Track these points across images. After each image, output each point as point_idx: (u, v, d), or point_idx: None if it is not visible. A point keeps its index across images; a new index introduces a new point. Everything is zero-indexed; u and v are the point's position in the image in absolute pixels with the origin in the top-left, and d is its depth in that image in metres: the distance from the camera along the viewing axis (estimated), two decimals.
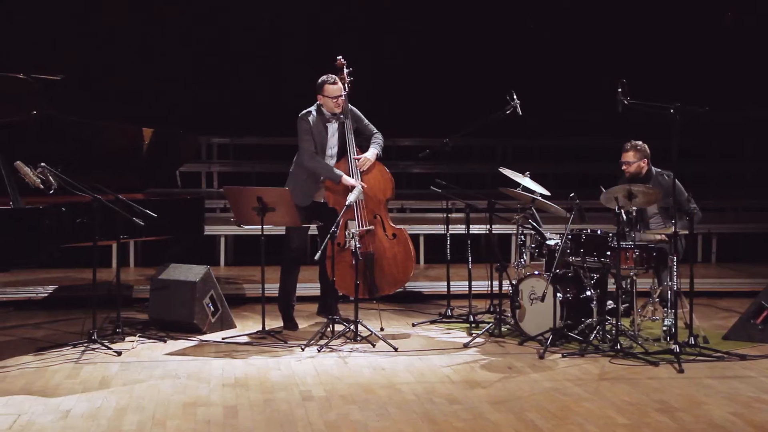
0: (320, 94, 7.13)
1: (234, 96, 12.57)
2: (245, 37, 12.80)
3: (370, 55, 12.48)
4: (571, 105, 12.64)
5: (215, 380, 5.76)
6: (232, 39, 12.77)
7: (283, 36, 12.74)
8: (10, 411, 5.06)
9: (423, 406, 5.28)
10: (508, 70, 12.25)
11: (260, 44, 12.81)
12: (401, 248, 7.24)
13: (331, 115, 7.17)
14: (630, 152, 7.22)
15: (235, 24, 12.77)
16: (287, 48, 12.65)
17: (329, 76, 7.13)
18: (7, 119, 6.28)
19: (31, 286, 8.38)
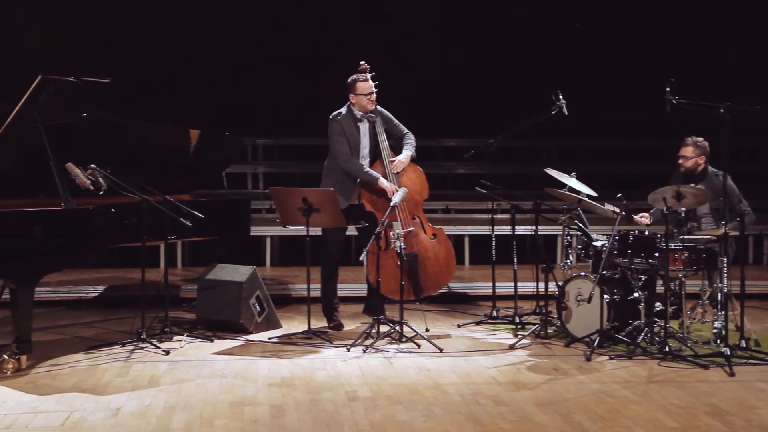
0: (352, 92, 7.14)
1: (279, 97, 12.63)
2: (289, 38, 12.86)
3: (414, 55, 12.48)
4: (618, 104, 12.52)
5: (262, 380, 5.80)
6: (276, 39, 12.84)
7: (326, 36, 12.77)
8: (63, 408, 5.15)
9: (469, 407, 5.26)
10: (554, 70, 12.17)
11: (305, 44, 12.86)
12: (442, 248, 7.24)
13: (362, 115, 7.18)
14: (689, 147, 7.15)
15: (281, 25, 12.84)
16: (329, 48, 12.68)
17: (360, 74, 7.16)
18: (58, 122, 6.38)
19: (82, 286, 8.51)
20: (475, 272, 9.70)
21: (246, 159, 12.24)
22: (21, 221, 5.92)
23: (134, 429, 4.83)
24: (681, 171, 7.15)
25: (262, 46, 12.75)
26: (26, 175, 6.49)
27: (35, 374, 5.86)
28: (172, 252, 9.82)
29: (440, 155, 12.53)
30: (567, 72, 12.20)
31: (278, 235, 10.15)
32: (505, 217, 8.92)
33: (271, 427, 4.89)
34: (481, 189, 7.54)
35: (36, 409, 5.12)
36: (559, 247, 9.79)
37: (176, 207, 6.67)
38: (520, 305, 7.54)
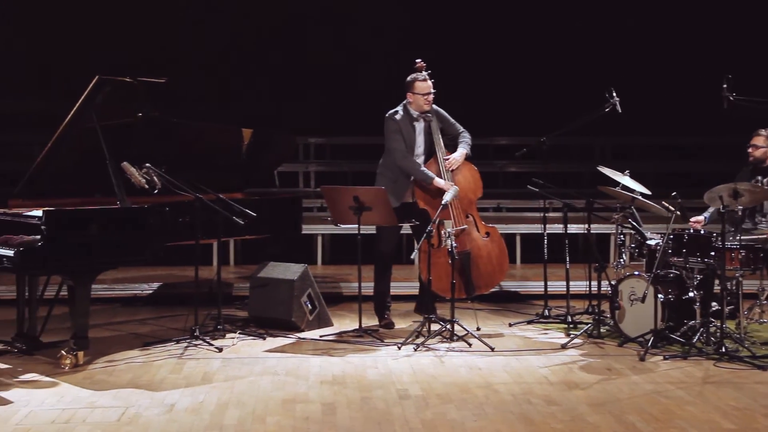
0: (410, 91, 7.14)
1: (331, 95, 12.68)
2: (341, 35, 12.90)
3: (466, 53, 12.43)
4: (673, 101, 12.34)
5: (313, 377, 5.83)
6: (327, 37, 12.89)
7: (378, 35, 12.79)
8: (119, 404, 5.23)
9: (520, 406, 5.23)
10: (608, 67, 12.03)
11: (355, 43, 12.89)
12: (495, 247, 7.21)
13: (419, 114, 7.18)
14: (761, 137, 7.11)
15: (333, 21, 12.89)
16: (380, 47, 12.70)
17: (419, 74, 7.14)
18: (114, 121, 6.47)
19: (137, 283, 8.63)
20: (526, 271, 9.64)
21: (298, 158, 12.31)
22: (78, 220, 6.03)
23: (188, 425, 4.88)
24: (750, 161, 7.05)
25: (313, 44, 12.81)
26: (84, 175, 6.60)
27: (92, 370, 5.97)
28: (225, 250, 9.93)
29: (492, 153, 12.48)
30: (621, 69, 12.05)
31: (329, 233, 10.20)
32: (557, 215, 8.90)
33: (322, 425, 4.91)
34: (532, 187, 7.49)
35: (93, 405, 5.21)
36: (612, 245, 9.69)
37: (229, 205, 6.73)
38: (572, 304, 7.47)
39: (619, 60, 12.45)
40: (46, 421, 4.91)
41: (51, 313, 6.71)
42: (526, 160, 10.97)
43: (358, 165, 11.95)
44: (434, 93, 7.15)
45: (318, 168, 12.33)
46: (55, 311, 6.76)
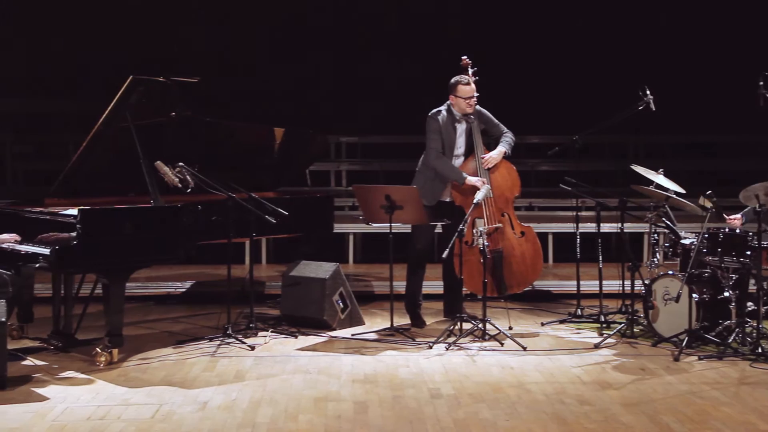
0: (453, 94, 7.12)
1: (362, 94, 12.70)
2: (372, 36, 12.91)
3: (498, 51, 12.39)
4: (708, 99, 12.22)
5: (345, 376, 5.84)
6: (359, 38, 12.91)
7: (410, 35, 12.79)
8: (152, 401, 5.27)
9: (553, 406, 5.21)
10: (641, 64, 11.94)
11: (388, 43, 12.90)
12: (530, 246, 7.17)
13: (461, 115, 7.16)
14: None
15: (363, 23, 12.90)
16: (414, 46, 12.70)
17: (463, 77, 7.12)
18: (147, 121, 6.53)
19: (170, 282, 8.69)
20: (559, 270, 9.59)
21: (329, 157, 12.34)
22: (113, 218, 6.08)
23: (221, 422, 4.91)
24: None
25: (346, 43, 12.83)
26: (118, 174, 6.66)
27: (126, 367, 6.02)
28: (257, 249, 9.97)
29: (523, 152, 12.43)
30: (654, 66, 11.96)
31: (361, 232, 10.21)
32: (589, 214, 8.84)
33: (354, 423, 4.92)
34: (565, 186, 7.44)
35: (127, 402, 5.26)
36: (646, 245, 9.62)
37: (261, 204, 6.76)
38: (605, 304, 7.42)
39: (653, 57, 12.36)
40: (82, 418, 4.97)
41: (86, 310, 6.77)
42: (558, 159, 10.88)
43: (389, 164, 11.97)
44: (477, 96, 7.14)
45: (350, 167, 12.36)
46: (90, 309, 6.83)
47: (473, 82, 7.16)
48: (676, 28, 12.74)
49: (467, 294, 7.37)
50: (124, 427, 4.81)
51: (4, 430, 4.77)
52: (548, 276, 9.17)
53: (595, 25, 12.67)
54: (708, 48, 12.44)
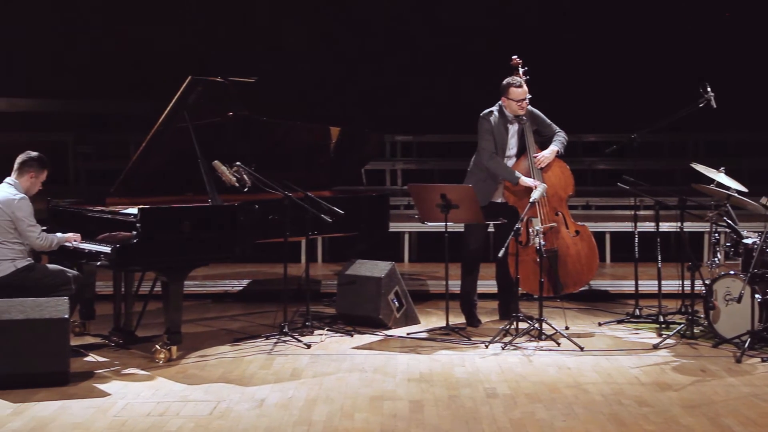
0: (505, 96, 7.08)
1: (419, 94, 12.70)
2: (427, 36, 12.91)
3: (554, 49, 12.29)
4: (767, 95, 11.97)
5: (400, 375, 5.84)
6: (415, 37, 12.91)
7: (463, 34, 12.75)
8: (210, 398, 5.33)
9: (611, 407, 5.15)
10: (701, 61, 11.74)
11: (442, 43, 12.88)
12: (585, 245, 7.10)
13: (513, 117, 7.12)
14: None
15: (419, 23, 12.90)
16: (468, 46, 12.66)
17: (515, 79, 7.07)
18: (205, 120, 6.60)
19: (228, 280, 8.78)
20: (617, 270, 9.48)
21: (385, 156, 12.36)
22: (172, 217, 6.16)
23: (277, 420, 4.95)
24: None
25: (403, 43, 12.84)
26: (177, 173, 6.75)
27: (185, 364, 6.10)
28: (313, 248, 10.02)
29: (580, 150, 12.32)
30: (715, 62, 11.75)
31: (416, 231, 10.19)
32: (648, 213, 8.71)
33: (409, 422, 4.92)
34: (623, 185, 7.36)
35: (186, 398, 5.33)
36: (706, 244, 9.45)
37: (317, 203, 6.80)
38: (664, 304, 7.31)
39: (714, 53, 12.13)
40: (142, 414, 5.04)
41: (146, 308, 6.87)
42: (615, 158, 10.80)
43: (445, 163, 11.96)
44: (529, 98, 7.09)
45: (405, 166, 12.36)
46: (150, 307, 6.92)
47: (525, 82, 7.11)
48: (737, 24, 12.50)
49: (523, 294, 7.32)
50: (182, 424, 4.88)
51: (67, 425, 4.87)
52: (605, 276, 9.07)
53: (656, 21, 12.50)
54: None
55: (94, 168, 12.55)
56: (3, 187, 6.14)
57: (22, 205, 6.03)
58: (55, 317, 5.55)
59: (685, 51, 12.24)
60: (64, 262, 6.39)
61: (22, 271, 6.04)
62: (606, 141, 9.50)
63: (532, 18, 12.71)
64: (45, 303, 5.62)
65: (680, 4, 12.50)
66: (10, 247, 6.02)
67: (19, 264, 6.04)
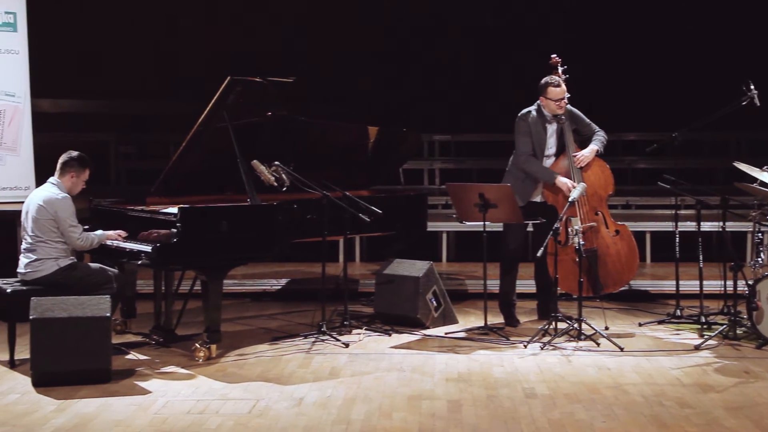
0: (543, 95, 7.04)
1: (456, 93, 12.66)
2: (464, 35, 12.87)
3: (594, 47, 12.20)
4: None
5: (439, 374, 5.84)
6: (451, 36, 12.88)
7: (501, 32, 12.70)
8: (249, 396, 5.36)
9: (652, 408, 5.10)
10: (744, 58, 11.58)
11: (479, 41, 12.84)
12: (625, 245, 7.04)
13: (552, 116, 7.08)
14: None
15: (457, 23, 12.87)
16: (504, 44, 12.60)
17: (553, 78, 7.03)
18: (244, 120, 6.64)
19: (266, 279, 8.82)
20: (657, 269, 9.39)
21: (423, 155, 12.34)
22: (211, 216, 6.21)
23: (316, 419, 4.97)
24: None
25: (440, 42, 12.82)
26: (216, 173, 6.80)
27: (224, 363, 6.14)
28: (351, 247, 10.04)
29: (620, 149, 12.21)
30: (758, 59, 11.57)
31: (454, 230, 10.17)
32: (689, 213, 8.61)
33: (448, 422, 4.91)
34: (663, 184, 7.28)
35: (225, 396, 5.36)
36: (749, 244, 9.32)
37: (355, 203, 6.81)
38: (705, 305, 7.22)
39: (756, 50, 11.96)
40: (182, 411, 5.09)
41: (185, 307, 6.93)
42: (656, 156, 10.68)
43: (483, 162, 11.91)
44: (568, 97, 7.04)
45: (443, 165, 12.34)
46: (189, 305, 6.98)
47: (563, 81, 7.06)
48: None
49: (562, 293, 7.27)
50: (222, 422, 4.91)
51: (109, 422, 4.92)
52: (645, 275, 8.99)
53: (697, 17, 12.34)
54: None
55: (135, 168, 12.69)
56: (46, 186, 6.23)
57: (64, 204, 6.11)
58: (97, 315, 5.62)
59: (728, 48, 12.07)
60: (106, 260, 6.47)
61: (65, 270, 6.12)
62: (646, 140, 9.39)
63: (572, 16, 12.62)
64: (87, 301, 5.69)
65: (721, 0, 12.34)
66: (53, 246, 6.10)
67: (62, 263, 6.13)
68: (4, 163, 9.98)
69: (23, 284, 6.11)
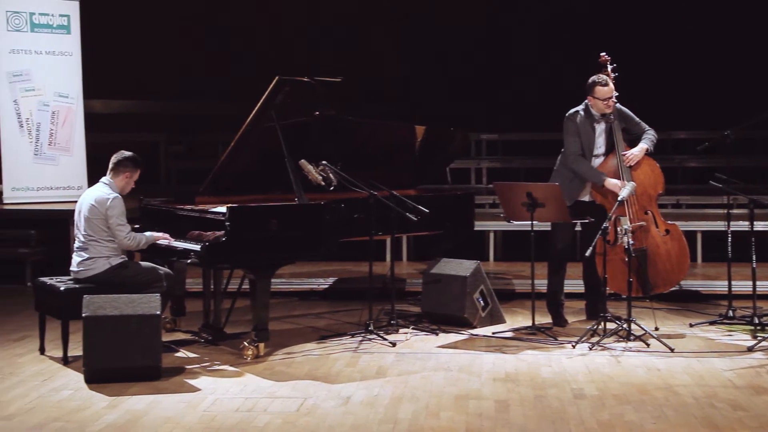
0: (590, 95, 6.98)
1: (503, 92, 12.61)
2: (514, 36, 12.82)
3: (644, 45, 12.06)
4: None
5: (486, 374, 5.81)
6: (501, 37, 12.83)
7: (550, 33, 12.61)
8: (297, 395, 5.39)
9: (703, 410, 5.03)
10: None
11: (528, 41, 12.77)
12: (675, 245, 6.95)
13: (600, 115, 7.01)
14: None
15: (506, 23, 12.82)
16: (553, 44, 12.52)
17: (600, 77, 6.96)
18: (292, 120, 6.68)
19: (314, 278, 8.86)
20: (708, 269, 9.24)
21: (470, 154, 12.31)
22: (260, 216, 6.25)
23: (363, 418, 4.98)
24: None
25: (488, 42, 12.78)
26: (264, 172, 6.85)
27: (272, 361, 6.18)
28: (398, 246, 10.04)
29: (670, 148, 12.06)
30: None
31: (501, 230, 10.12)
32: (741, 212, 8.47)
33: (495, 422, 4.89)
34: (715, 183, 7.17)
35: (273, 395, 5.40)
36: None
37: (402, 202, 6.81)
38: (759, 305, 7.10)
39: None
40: (231, 409, 5.13)
41: (234, 305, 6.99)
42: (707, 155, 10.54)
43: (530, 161, 11.85)
44: (617, 96, 6.97)
45: (490, 164, 12.30)
46: (238, 304, 7.04)
47: (612, 80, 6.99)
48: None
49: (610, 294, 7.20)
50: (270, 420, 4.95)
51: (159, 419, 4.98)
52: (697, 276, 8.85)
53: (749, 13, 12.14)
54: None
55: (184, 167, 12.83)
56: (98, 186, 6.32)
57: (114, 204, 6.20)
58: (147, 313, 5.69)
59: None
60: (156, 259, 6.55)
61: (116, 269, 6.21)
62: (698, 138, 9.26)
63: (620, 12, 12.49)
64: (138, 299, 5.77)
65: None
66: (105, 245, 6.19)
67: (113, 261, 6.22)
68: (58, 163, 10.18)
69: (76, 282, 6.21)
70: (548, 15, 12.71)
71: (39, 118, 9.98)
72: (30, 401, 5.31)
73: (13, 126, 9.89)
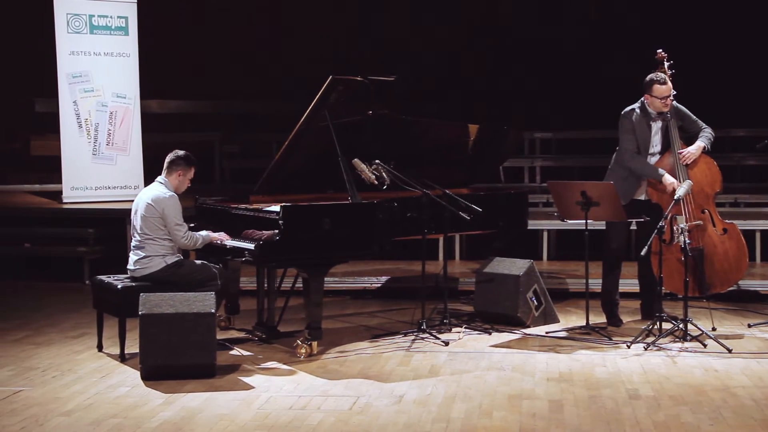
0: (648, 93, 6.88)
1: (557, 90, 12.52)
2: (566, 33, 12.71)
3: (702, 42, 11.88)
4: None
5: (539, 374, 5.78)
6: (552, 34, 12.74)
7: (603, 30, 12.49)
8: (350, 393, 5.42)
9: (763, 412, 4.94)
10: None
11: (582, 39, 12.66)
12: (733, 244, 6.83)
13: (657, 114, 6.92)
14: None
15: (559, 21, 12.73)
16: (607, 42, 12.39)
17: (659, 75, 6.86)
18: (345, 119, 6.70)
19: (366, 277, 8.88)
20: (767, 269, 9.07)
21: (523, 153, 12.25)
22: (313, 215, 6.29)
23: (416, 416, 4.98)
24: None
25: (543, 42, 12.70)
26: (317, 171, 6.88)
27: (325, 360, 6.21)
28: (451, 245, 10.02)
29: (729, 146, 11.86)
30: None
31: (555, 228, 10.05)
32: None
33: (549, 422, 4.86)
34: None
35: (326, 393, 5.43)
36: None
37: (455, 201, 6.80)
38: None
39: None
40: (284, 407, 5.17)
41: (287, 304, 7.04)
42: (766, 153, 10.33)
43: (584, 160, 11.75)
44: (674, 94, 6.87)
45: (544, 163, 12.22)
46: (291, 302, 7.09)
47: (670, 77, 6.89)
48: None
49: (666, 293, 7.10)
50: (323, 418, 4.97)
51: (214, 416, 5.04)
52: (755, 275, 8.69)
53: None
54: None
55: (238, 167, 12.96)
56: (154, 185, 6.40)
57: (171, 202, 6.27)
58: (202, 311, 5.76)
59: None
60: (210, 258, 6.62)
61: (172, 267, 6.29)
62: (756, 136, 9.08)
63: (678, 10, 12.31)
64: (193, 297, 5.84)
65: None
66: (161, 244, 6.28)
67: (168, 260, 6.30)
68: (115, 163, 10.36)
69: (132, 281, 6.30)
70: (602, 12, 12.59)
71: (97, 119, 10.16)
72: (88, 398, 5.41)
73: (72, 126, 10.08)
